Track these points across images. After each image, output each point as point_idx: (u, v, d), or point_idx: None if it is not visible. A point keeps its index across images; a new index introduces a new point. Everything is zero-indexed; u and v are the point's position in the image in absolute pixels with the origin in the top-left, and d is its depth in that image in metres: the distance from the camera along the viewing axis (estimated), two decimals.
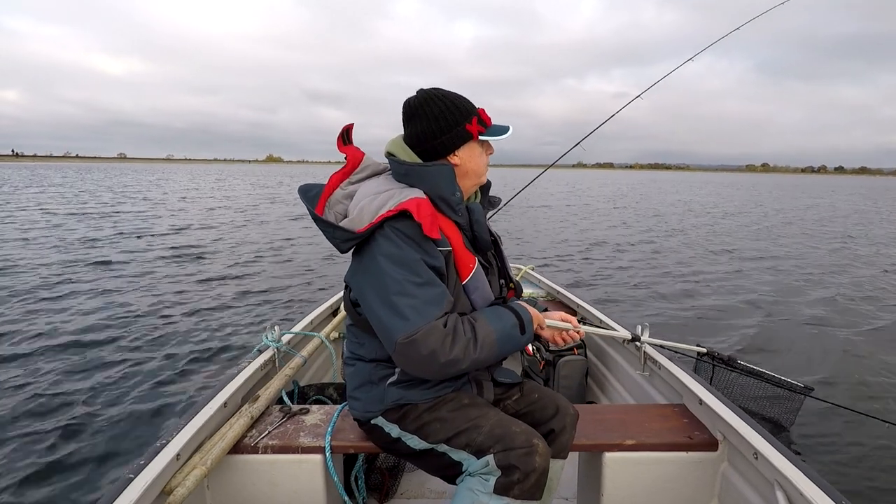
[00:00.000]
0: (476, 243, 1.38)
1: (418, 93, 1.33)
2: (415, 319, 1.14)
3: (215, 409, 1.57)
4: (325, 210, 1.31)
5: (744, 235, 13.16)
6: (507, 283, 1.49)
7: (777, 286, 7.30)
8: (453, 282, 1.29)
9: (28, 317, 5.06)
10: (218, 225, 13.23)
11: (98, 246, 9.41)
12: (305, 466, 1.55)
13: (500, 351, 1.26)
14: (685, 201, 26.95)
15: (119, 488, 1.20)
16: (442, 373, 1.19)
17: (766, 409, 2.71)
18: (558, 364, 2.62)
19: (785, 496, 1.30)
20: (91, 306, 5.49)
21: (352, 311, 1.36)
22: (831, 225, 16.43)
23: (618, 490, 1.62)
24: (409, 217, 1.20)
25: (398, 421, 1.35)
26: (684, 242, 11.53)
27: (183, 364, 4.02)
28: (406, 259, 1.19)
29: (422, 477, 2.10)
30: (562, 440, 1.45)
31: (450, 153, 1.32)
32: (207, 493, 1.54)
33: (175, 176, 56.41)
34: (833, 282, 7.73)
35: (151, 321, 5.07)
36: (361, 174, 1.36)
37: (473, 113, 1.32)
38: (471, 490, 1.21)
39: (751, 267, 8.74)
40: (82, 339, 4.46)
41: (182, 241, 10.36)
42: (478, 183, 1.40)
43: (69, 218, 13.79)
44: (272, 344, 2.07)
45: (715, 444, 1.61)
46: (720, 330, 5.21)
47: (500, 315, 1.29)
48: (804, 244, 11.80)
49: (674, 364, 1.98)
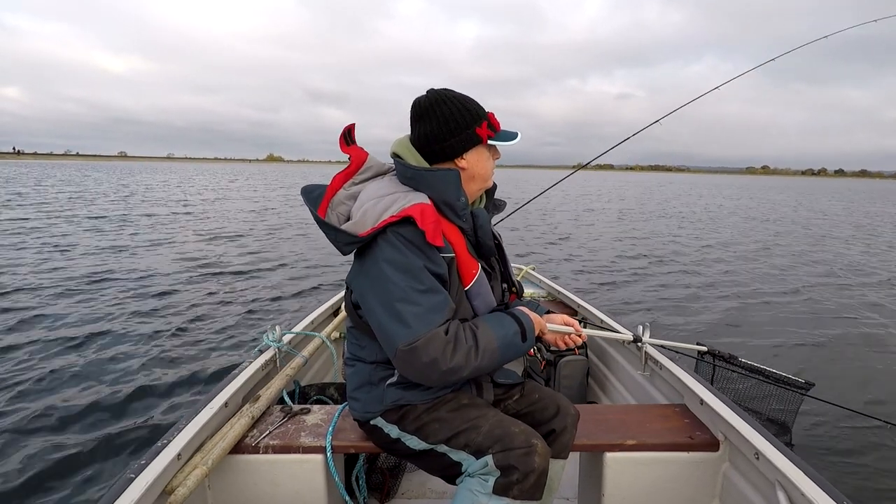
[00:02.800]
0: (479, 249, 1.38)
1: (428, 93, 1.32)
2: (416, 327, 1.14)
3: (216, 409, 1.57)
4: (327, 211, 1.31)
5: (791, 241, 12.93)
6: (510, 287, 1.49)
7: (789, 287, 7.30)
8: (456, 288, 1.28)
9: (27, 317, 5.07)
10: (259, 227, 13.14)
11: (100, 247, 9.42)
12: (306, 466, 1.55)
13: (501, 358, 1.26)
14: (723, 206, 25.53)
15: (120, 488, 1.20)
16: (443, 380, 1.19)
17: (767, 407, 2.71)
18: (559, 364, 2.63)
19: (786, 496, 1.29)
20: (91, 305, 5.50)
21: (353, 313, 1.36)
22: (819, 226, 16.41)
23: (619, 490, 1.62)
24: (412, 223, 1.19)
25: (398, 421, 1.35)
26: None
27: (184, 364, 4.03)
28: (409, 265, 1.18)
29: (423, 477, 2.10)
30: (563, 440, 1.45)
31: (457, 156, 1.31)
32: (208, 493, 1.54)
33: (179, 176, 56.35)
34: (834, 281, 7.73)
35: (152, 321, 5.07)
36: (365, 175, 1.35)
37: (483, 117, 1.32)
38: (470, 490, 1.21)
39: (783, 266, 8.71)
40: (82, 339, 4.47)
41: (193, 244, 10.36)
42: (484, 187, 1.39)
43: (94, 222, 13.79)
44: (273, 344, 2.07)
45: (716, 444, 1.61)
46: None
47: (501, 322, 1.28)
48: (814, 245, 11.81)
49: (675, 364, 1.98)
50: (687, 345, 2.32)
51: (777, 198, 34.54)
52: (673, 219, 17.71)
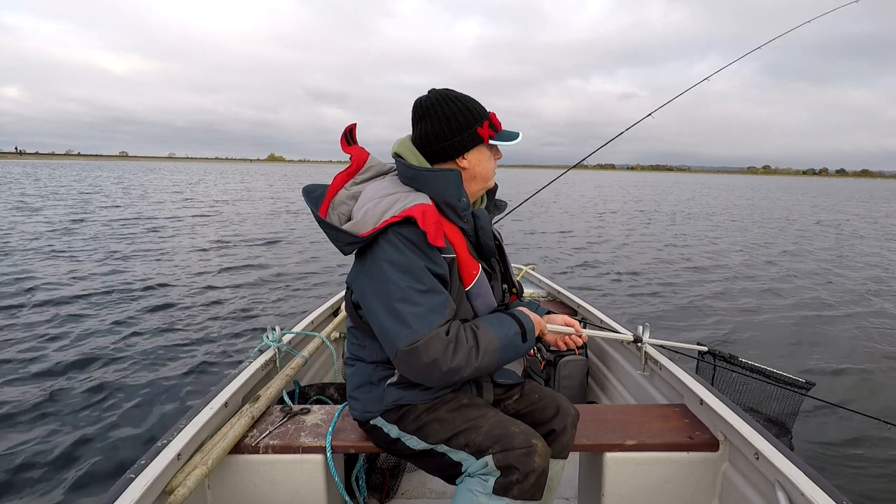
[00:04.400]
0: (480, 250, 1.38)
1: (430, 93, 1.32)
2: (417, 327, 1.14)
3: (216, 409, 1.57)
4: (328, 211, 1.31)
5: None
6: (510, 288, 1.49)
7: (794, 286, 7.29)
8: (456, 288, 1.28)
9: (25, 314, 5.08)
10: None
11: (101, 248, 9.42)
12: (306, 466, 1.55)
13: (501, 358, 1.26)
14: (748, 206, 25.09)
15: (120, 488, 1.20)
16: (443, 380, 1.19)
17: (768, 407, 2.70)
18: (559, 364, 2.63)
19: (786, 496, 1.29)
20: (90, 305, 5.50)
21: (353, 312, 1.36)
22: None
23: (618, 490, 1.61)
24: (414, 223, 1.19)
25: (398, 421, 1.35)
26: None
27: (184, 364, 4.03)
28: (410, 266, 1.18)
29: (422, 477, 2.10)
30: (563, 440, 1.45)
31: (459, 156, 1.31)
32: (208, 493, 1.54)
33: (188, 176, 56.30)
34: (835, 283, 7.73)
35: (152, 320, 5.08)
36: (366, 174, 1.35)
37: (485, 117, 1.32)
38: (470, 490, 1.21)
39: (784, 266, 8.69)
40: (82, 339, 4.47)
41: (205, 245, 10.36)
42: (485, 188, 1.40)
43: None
44: (273, 344, 2.07)
45: (716, 444, 1.61)
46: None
47: (502, 322, 1.28)
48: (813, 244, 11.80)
49: (674, 364, 1.98)
50: (687, 345, 2.32)
51: (789, 198, 34.27)
52: (706, 222, 17.07)
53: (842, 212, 23.26)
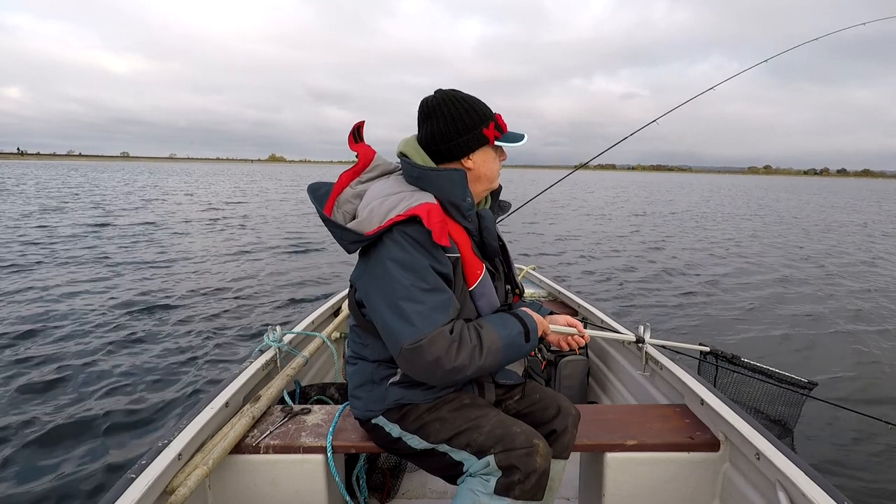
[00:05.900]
0: (484, 250, 1.38)
1: (436, 93, 1.32)
2: (421, 325, 1.14)
3: (217, 409, 1.58)
4: (333, 209, 1.31)
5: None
6: (514, 288, 1.50)
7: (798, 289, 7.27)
8: (460, 288, 1.29)
9: (24, 314, 5.09)
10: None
11: (101, 246, 9.44)
12: (307, 466, 1.55)
13: (504, 358, 1.26)
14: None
15: (121, 488, 1.20)
16: (446, 379, 1.19)
17: (770, 408, 2.70)
18: (560, 364, 2.62)
19: (787, 497, 1.29)
20: (89, 305, 5.51)
21: (356, 311, 1.36)
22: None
23: (619, 490, 1.61)
24: (418, 222, 1.19)
25: (399, 421, 1.35)
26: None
27: (184, 364, 4.03)
28: (414, 264, 1.18)
29: (423, 477, 2.10)
30: (563, 440, 1.45)
31: (464, 156, 1.31)
32: (209, 493, 1.54)
33: (192, 176, 56.22)
34: (837, 282, 7.71)
35: (152, 320, 5.08)
36: (372, 173, 1.36)
37: (490, 118, 1.32)
38: (472, 490, 1.21)
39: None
40: (82, 339, 4.48)
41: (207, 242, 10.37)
42: (489, 188, 1.40)
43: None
44: (274, 344, 2.07)
45: (716, 444, 1.60)
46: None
47: (505, 322, 1.28)
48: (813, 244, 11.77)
49: (675, 364, 1.98)
50: (689, 345, 2.32)
51: (798, 198, 33.88)
52: (721, 223, 16.70)
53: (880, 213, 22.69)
